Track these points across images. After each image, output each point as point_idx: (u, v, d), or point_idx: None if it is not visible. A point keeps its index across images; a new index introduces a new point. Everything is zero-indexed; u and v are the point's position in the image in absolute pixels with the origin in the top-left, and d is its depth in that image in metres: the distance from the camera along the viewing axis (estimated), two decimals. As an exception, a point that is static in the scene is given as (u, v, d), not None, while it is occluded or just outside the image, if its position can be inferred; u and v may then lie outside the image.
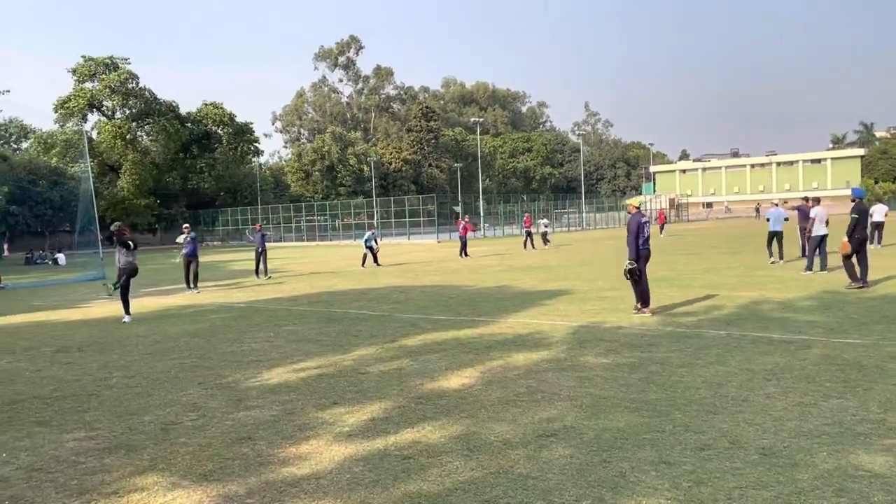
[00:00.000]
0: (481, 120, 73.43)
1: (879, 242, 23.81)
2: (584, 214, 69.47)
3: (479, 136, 71.14)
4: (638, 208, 11.41)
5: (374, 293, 16.11)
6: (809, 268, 16.08)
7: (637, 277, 11.08)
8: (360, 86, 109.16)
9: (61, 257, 39.68)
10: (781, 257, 18.83)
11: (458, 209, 68.60)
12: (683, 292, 13.57)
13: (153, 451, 5.23)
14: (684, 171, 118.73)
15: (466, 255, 28.27)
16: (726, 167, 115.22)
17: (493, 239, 49.37)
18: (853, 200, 13.65)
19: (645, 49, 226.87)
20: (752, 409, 5.53)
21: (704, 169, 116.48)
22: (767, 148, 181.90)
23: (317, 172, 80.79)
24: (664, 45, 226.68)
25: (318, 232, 60.01)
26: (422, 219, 56.67)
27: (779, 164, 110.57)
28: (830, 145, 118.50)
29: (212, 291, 18.56)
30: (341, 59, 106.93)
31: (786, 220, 19.00)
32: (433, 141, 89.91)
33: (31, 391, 7.52)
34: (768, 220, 19.12)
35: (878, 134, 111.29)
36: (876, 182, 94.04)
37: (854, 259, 13.13)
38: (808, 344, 7.88)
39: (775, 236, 18.86)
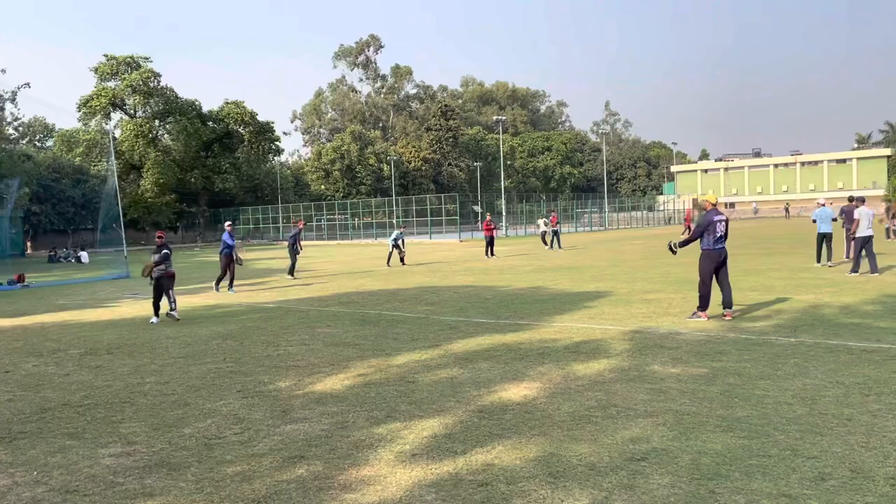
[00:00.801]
0: (504, 119, 72.68)
1: None
2: (606, 214, 68.58)
3: (501, 135, 70.43)
4: (714, 205, 10.69)
5: (405, 294, 15.62)
6: (856, 270, 15.42)
7: (674, 252, 11.05)
8: (378, 84, 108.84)
9: (84, 255, 39.58)
10: (830, 259, 18.05)
11: (478, 209, 68.12)
12: (735, 296, 12.90)
13: (198, 471, 4.75)
14: (706, 170, 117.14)
15: (493, 254, 27.71)
16: (749, 167, 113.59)
17: (514, 238, 48.73)
18: None
19: (665, 48, 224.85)
20: (862, 429, 4.95)
21: (727, 169, 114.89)
22: (790, 148, 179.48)
23: (336, 171, 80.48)
24: (685, 44, 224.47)
25: (339, 231, 59.71)
26: (443, 218, 56.11)
27: (803, 164, 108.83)
28: (855, 145, 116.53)
29: (238, 291, 18.15)
30: (360, 59, 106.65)
31: (833, 220, 18.18)
32: (452, 140, 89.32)
33: (60, 398, 7.08)
34: (814, 221, 18.33)
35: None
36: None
37: None
38: (894, 354, 7.26)
39: (825, 238, 17.96)
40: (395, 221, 50.83)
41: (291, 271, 21.70)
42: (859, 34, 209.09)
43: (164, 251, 12.79)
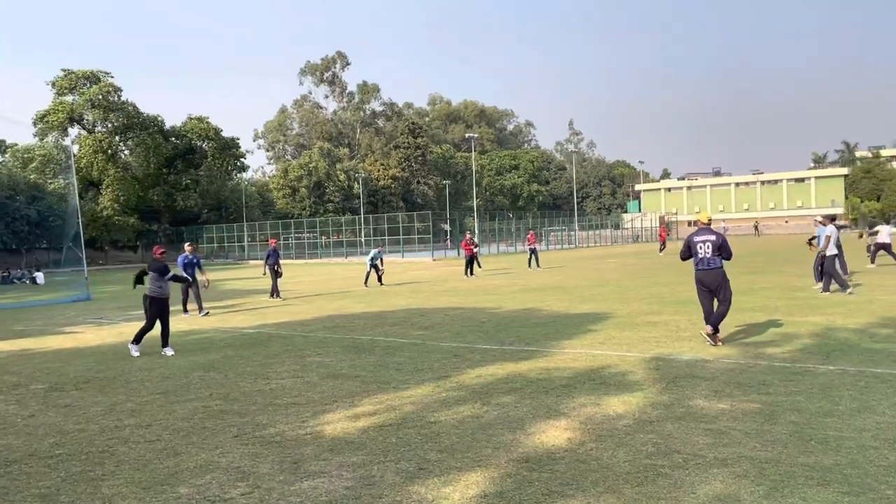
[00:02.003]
0: (476, 136, 72.46)
1: (872, 262, 23.31)
2: (576, 232, 68.57)
3: (473, 152, 70.13)
4: (706, 224, 10.18)
5: (392, 317, 14.81)
6: (844, 287, 15.23)
7: None
8: (345, 102, 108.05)
9: (40, 276, 37.79)
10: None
11: (447, 227, 67.50)
12: (740, 317, 12.42)
13: (206, 548, 3.90)
14: (669, 189, 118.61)
15: (472, 273, 27.03)
16: (711, 185, 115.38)
17: (487, 257, 48.14)
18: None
19: (626, 68, 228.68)
20: (975, 480, 4.34)
21: (689, 188, 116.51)
22: (749, 167, 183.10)
23: (304, 189, 79.25)
24: (646, 65, 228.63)
25: (308, 249, 58.48)
26: (415, 236, 55.34)
27: (763, 182, 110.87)
28: (812, 164, 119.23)
29: (211, 314, 17.12)
30: (327, 75, 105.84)
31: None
32: (421, 158, 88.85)
33: (26, 446, 6.14)
34: (812, 240, 17.84)
35: (858, 154, 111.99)
36: (861, 202, 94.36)
37: None
38: (954, 384, 6.73)
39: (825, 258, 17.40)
40: (373, 240, 49.91)
41: (274, 293, 20.67)
42: (814, 56, 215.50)
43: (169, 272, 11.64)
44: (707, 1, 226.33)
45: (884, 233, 23.85)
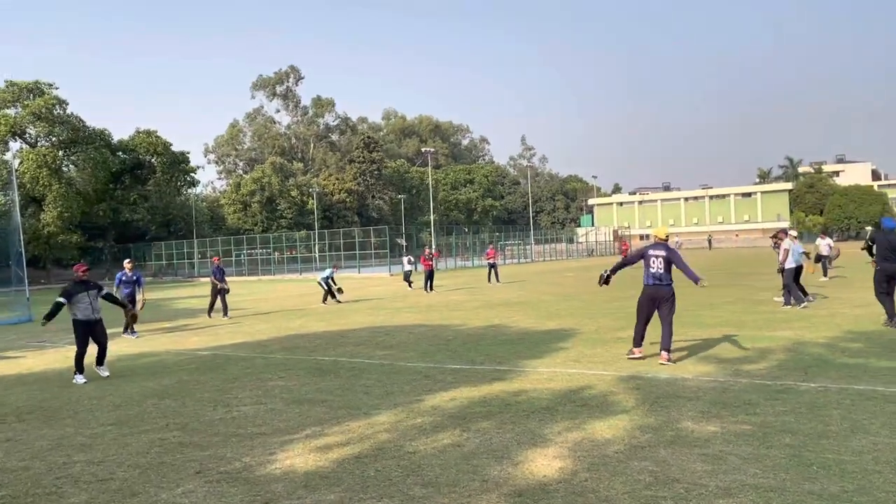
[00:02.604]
0: (433, 150, 72.32)
1: (825, 275, 23.67)
2: (532, 246, 68.84)
3: (430, 167, 69.96)
4: (663, 239, 10.03)
5: (355, 336, 14.35)
6: (808, 299, 15.35)
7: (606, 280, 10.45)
8: (299, 116, 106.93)
9: (-23, 296, 35.99)
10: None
11: (403, 241, 67.05)
12: (705, 331, 12.38)
13: None
14: (621, 203, 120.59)
15: (432, 289, 26.68)
16: (662, 200, 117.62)
17: (444, 272, 47.87)
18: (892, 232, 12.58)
19: (577, 85, 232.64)
20: None
21: (641, 202, 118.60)
22: (698, 181, 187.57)
23: (256, 204, 77.89)
24: (597, 82, 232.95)
25: (261, 266, 57.27)
26: (372, 251, 54.72)
27: (712, 197, 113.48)
28: (757, 179, 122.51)
29: (160, 336, 16.39)
30: (280, 89, 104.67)
31: (805, 254, 17.40)
32: (376, 172, 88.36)
33: (-39, 489, 5.54)
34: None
35: (801, 169, 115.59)
36: (806, 216, 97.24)
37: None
38: (939, 401, 6.64)
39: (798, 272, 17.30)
40: (328, 255, 49.08)
41: (215, 310, 20.42)
42: (758, 74, 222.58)
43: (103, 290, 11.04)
44: (654, 19, 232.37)
45: (822, 245, 24.45)
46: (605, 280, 10.73)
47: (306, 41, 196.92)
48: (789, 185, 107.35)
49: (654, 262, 9.66)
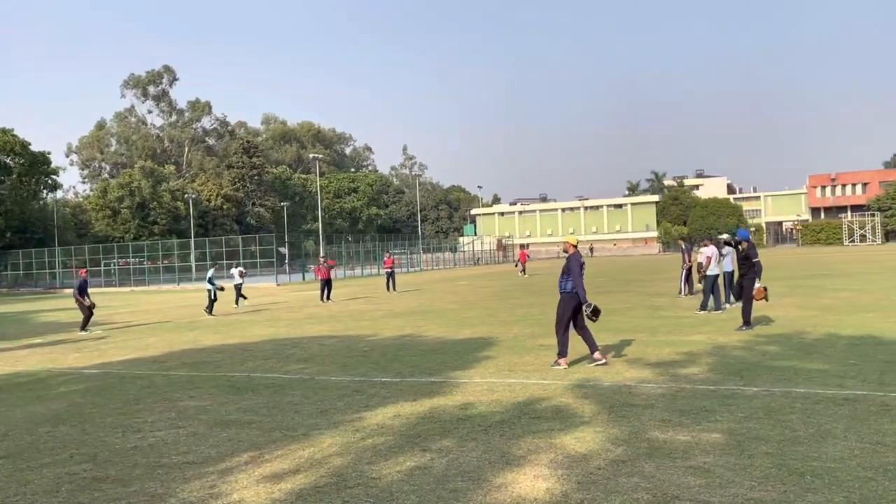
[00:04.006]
0: (320, 157, 70.64)
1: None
2: (420, 255, 68.74)
3: (317, 174, 68.34)
4: (576, 246, 10.08)
5: (260, 349, 13.41)
6: (705, 307, 15.89)
7: (599, 314, 9.75)
8: (174, 118, 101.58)
9: None
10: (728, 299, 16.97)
11: (284, 250, 65.03)
12: (621, 336, 12.51)
13: None
14: (503, 213, 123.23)
15: (329, 298, 25.79)
16: (540, 210, 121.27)
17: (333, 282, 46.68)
18: (741, 243, 13.09)
19: (459, 96, 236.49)
20: None
21: (521, 212, 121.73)
22: (573, 193, 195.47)
23: (126, 210, 73.07)
24: (477, 93, 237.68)
25: (134, 276, 53.58)
26: (256, 260, 52.55)
27: (586, 208, 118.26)
28: (627, 192, 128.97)
29: (33, 352, 14.69)
30: (155, 90, 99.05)
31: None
32: (256, 178, 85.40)
33: None
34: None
35: (666, 182, 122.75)
36: (672, 226, 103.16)
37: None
38: (883, 402, 6.81)
39: (730, 276, 16.88)
40: (208, 264, 46.43)
41: (84, 325, 18.85)
42: (626, 91, 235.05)
43: None
44: (532, 35, 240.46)
45: (704, 253, 25.28)
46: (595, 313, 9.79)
47: (182, 42, 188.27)
48: (656, 198, 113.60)
49: (583, 269, 9.86)
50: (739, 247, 13.02)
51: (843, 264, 36.46)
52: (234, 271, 26.93)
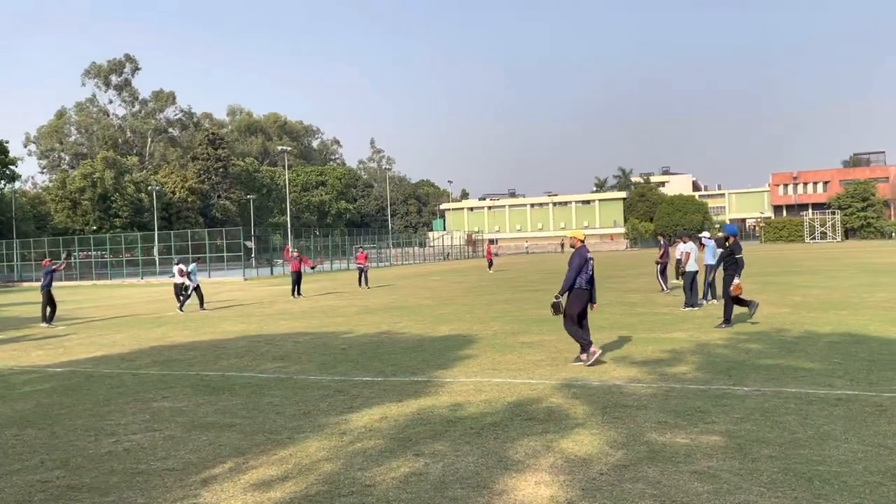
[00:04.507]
0: (289, 149, 69.62)
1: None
2: (390, 250, 68.31)
3: (286, 166, 67.41)
4: (583, 241, 9.93)
5: (232, 346, 13.04)
6: (692, 304, 15.91)
7: (560, 313, 9.63)
8: (136, 108, 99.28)
9: None
10: (714, 295, 17.14)
11: (250, 244, 64.06)
12: (602, 334, 12.38)
13: None
14: (472, 209, 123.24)
15: (300, 293, 25.38)
16: (510, 206, 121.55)
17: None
18: (728, 238, 13.20)
19: (428, 90, 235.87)
20: None
21: (490, 208, 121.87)
22: (542, 189, 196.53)
23: (87, 201, 71.26)
24: (443, 90, 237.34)
25: (96, 269, 52.27)
26: (224, 254, 51.62)
27: (555, 204, 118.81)
28: (594, 188, 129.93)
29: (-3, 349, 14.09)
30: (118, 79, 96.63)
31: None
32: (222, 170, 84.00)
33: None
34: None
35: (633, 179, 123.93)
36: (640, 222, 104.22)
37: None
38: (876, 403, 6.77)
39: (712, 270, 16.95)
40: (173, 258, 45.38)
41: (50, 318, 18.74)
42: (596, 90, 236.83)
43: None
44: (497, 30, 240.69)
45: (681, 249, 25.38)
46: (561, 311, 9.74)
47: (147, 32, 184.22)
48: (623, 194, 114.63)
49: (590, 265, 9.60)
50: (727, 242, 13.05)
51: (808, 261, 37.08)
52: (175, 269, 22.56)
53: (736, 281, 12.73)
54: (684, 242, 16.96)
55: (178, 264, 22.86)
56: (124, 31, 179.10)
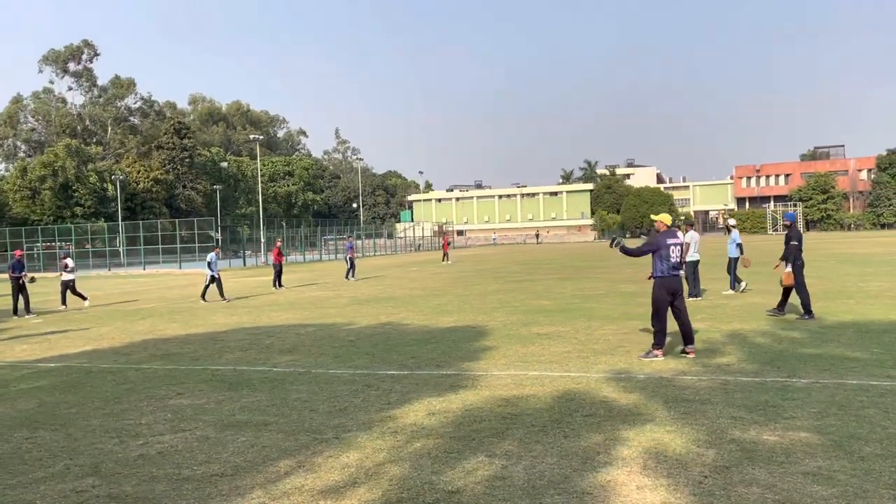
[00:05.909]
0: (261, 136, 68.16)
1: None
2: (362, 241, 67.45)
3: (258, 156, 65.95)
4: (669, 226, 9.27)
5: (231, 339, 12.42)
6: (691, 294, 15.69)
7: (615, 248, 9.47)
8: (96, 94, 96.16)
9: None
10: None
11: (217, 235, 62.70)
12: (618, 324, 12.11)
13: None
14: (440, 200, 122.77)
15: (281, 285, 24.67)
16: (477, 197, 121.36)
17: (266, 268, 45.12)
18: (787, 225, 13.06)
19: (391, 82, 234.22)
20: None
21: (458, 199, 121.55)
22: (509, 180, 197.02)
23: (47, 191, 68.89)
24: (408, 81, 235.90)
25: (60, 261, 50.34)
26: (196, 245, 50.28)
27: (523, 195, 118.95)
28: (561, 180, 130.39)
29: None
30: (76, 66, 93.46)
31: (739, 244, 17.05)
32: (188, 160, 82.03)
33: None
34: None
35: (599, 171, 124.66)
36: (607, 213, 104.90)
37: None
38: (948, 393, 6.54)
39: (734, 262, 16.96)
40: (141, 248, 44.14)
41: (27, 309, 18.53)
42: (560, 84, 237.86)
43: None
44: (464, 22, 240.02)
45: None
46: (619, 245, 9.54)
47: (105, 16, 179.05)
48: (590, 186, 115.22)
49: (673, 250, 8.95)
50: (787, 229, 12.54)
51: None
52: (69, 262, 21.37)
53: (787, 269, 12.20)
54: (685, 232, 16.77)
55: (64, 258, 21.44)
56: (82, 17, 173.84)
